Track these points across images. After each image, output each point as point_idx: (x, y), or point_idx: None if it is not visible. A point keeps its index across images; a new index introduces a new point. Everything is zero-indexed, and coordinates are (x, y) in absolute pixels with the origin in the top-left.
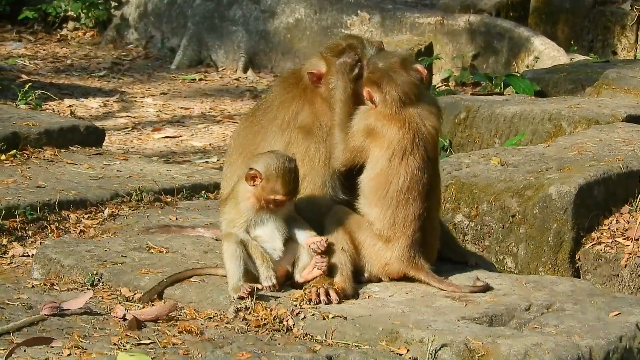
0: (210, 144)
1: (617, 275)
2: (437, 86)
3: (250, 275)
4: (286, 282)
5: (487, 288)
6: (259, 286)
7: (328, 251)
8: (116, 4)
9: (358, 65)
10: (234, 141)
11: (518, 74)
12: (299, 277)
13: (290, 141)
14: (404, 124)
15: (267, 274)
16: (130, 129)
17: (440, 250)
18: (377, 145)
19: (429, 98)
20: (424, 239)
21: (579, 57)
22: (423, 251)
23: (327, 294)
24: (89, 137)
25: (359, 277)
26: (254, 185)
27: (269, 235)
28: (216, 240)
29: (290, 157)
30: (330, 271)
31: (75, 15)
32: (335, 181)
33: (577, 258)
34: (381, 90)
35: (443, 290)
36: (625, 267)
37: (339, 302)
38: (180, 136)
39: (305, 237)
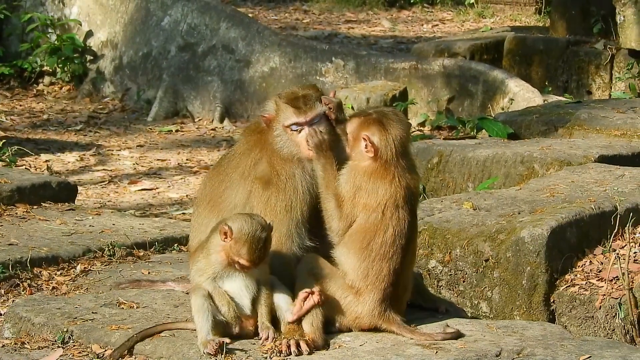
0: (187, 195)
1: (592, 317)
2: (412, 131)
3: (220, 327)
4: (256, 334)
5: (458, 335)
6: (227, 340)
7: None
8: (92, 58)
9: (326, 144)
10: (201, 191)
11: (491, 117)
12: (289, 316)
13: (252, 191)
14: (394, 177)
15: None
16: (107, 182)
17: (410, 297)
18: (369, 202)
19: (410, 152)
20: (395, 292)
21: (554, 98)
22: (394, 304)
23: (298, 346)
24: (62, 192)
25: (329, 327)
26: (224, 241)
27: (237, 292)
28: (186, 293)
29: (265, 226)
30: (300, 321)
31: (51, 70)
32: (301, 228)
33: (551, 300)
34: (384, 130)
35: (414, 338)
36: (600, 308)
37: (310, 353)
38: (157, 188)
39: (283, 301)
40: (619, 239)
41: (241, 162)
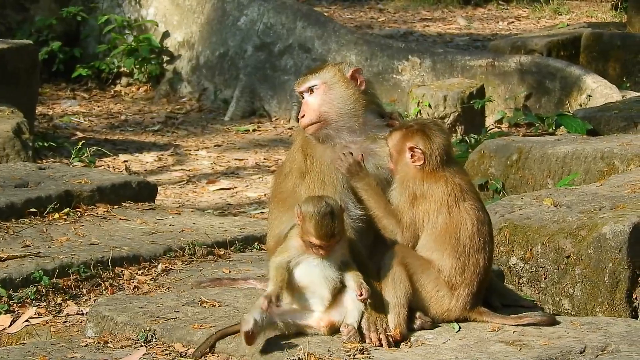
0: (265, 194)
1: None
2: (489, 128)
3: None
4: (334, 334)
5: (552, 321)
6: (264, 306)
7: (385, 292)
8: (168, 59)
9: (357, 164)
10: (272, 189)
11: (570, 113)
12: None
13: (295, 181)
14: (447, 180)
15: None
16: (185, 182)
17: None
18: (430, 207)
19: (455, 159)
20: (486, 283)
21: (632, 94)
22: (481, 296)
23: (387, 339)
24: (142, 192)
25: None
26: (298, 224)
27: (316, 283)
28: None
29: (329, 203)
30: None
31: (128, 71)
32: (343, 200)
33: (634, 297)
34: (427, 138)
35: (508, 325)
36: None
37: (395, 345)
38: (235, 187)
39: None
40: None
41: (290, 154)
